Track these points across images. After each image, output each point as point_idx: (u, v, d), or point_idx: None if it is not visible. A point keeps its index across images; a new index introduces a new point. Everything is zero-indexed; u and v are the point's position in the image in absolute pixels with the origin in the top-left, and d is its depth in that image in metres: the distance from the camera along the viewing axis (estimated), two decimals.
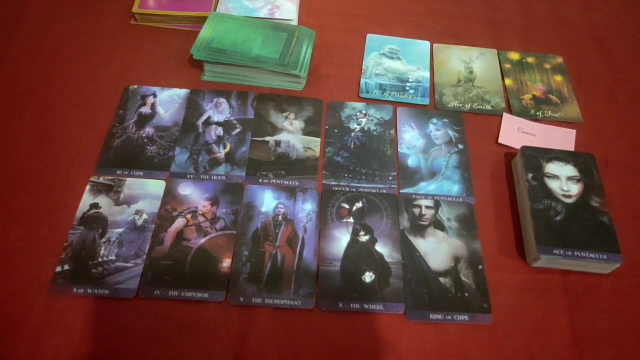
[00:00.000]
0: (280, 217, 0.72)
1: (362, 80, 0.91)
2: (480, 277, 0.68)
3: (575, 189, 0.73)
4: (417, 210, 0.74)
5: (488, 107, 0.89)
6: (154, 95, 0.85)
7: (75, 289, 0.64)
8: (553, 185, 0.74)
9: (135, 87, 0.86)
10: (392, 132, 0.84)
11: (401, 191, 0.77)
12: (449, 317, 0.65)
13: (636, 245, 0.73)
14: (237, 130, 0.82)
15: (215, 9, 0.97)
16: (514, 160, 0.81)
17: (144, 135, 0.80)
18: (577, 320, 0.66)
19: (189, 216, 0.71)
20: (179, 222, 0.71)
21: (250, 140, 0.81)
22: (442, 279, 0.68)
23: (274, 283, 0.66)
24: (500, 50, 0.99)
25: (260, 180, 0.77)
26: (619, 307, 0.68)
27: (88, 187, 0.73)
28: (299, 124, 0.84)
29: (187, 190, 0.74)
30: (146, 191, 0.74)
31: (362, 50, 0.97)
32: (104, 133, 0.80)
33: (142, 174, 0.76)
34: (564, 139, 0.85)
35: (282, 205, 0.73)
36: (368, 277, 0.68)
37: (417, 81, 0.92)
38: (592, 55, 1.01)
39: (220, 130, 0.82)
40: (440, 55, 0.98)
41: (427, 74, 0.94)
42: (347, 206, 0.74)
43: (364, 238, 0.71)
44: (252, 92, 0.87)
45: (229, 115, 0.84)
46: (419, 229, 0.73)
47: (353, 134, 0.83)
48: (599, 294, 0.69)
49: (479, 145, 0.84)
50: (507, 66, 0.96)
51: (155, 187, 0.74)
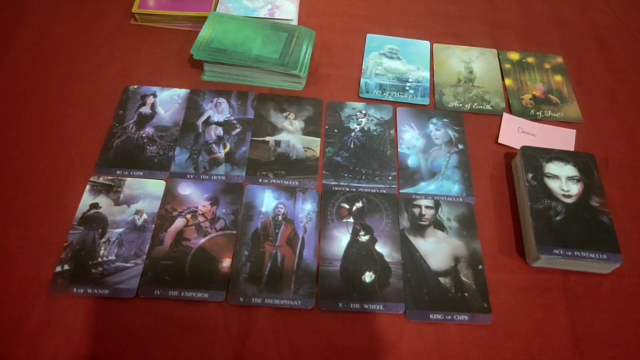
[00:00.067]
0: (280, 217, 0.72)
1: (362, 80, 0.91)
2: (480, 277, 0.68)
3: (575, 189, 0.73)
4: (417, 210, 0.74)
5: (488, 107, 0.89)
6: (154, 95, 0.85)
7: (75, 289, 0.64)
8: (553, 185, 0.74)
9: (135, 87, 0.86)
10: (392, 132, 0.84)
11: (401, 191, 0.77)
12: (449, 317, 0.65)
13: (636, 245, 0.73)
14: (237, 130, 0.82)
15: (215, 9, 0.97)
16: (514, 160, 0.81)
17: (144, 135, 0.80)
18: (577, 320, 0.66)
19: (189, 216, 0.71)
20: (179, 222, 0.71)
21: (250, 140, 0.81)
22: (442, 279, 0.68)
23: (274, 283, 0.66)
24: (500, 50, 0.99)
25: (260, 180, 0.77)
26: (619, 307, 0.68)
27: (88, 187, 0.73)
28: (299, 124, 0.84)
29: (187, 190, 0.74)
30: (146, 191, 0.74)
31: (362, 50, 0.97)
32: (104, 133, 0.80)
33: (142, 174, 0.76)
34: (564, 139, 0.85)
35: (282, 205, 0.73)
36: (368, 277, 0.68)
37: (417, 81, 0.92)
38: (592, 55, 1.01)
39: (220, 130, 0.82)
40: (440, 55, 0.98)
41: (427, 74, 0.94)
42: (347, 206, 0.74)
43: (364, 238, 0.71)
44: (252, 92, 0.87)
45: (229, 115, 0.84)
46: (419, 229, 0.73)
47: (353, 134, 0.83)
48: (599, 294, 0.69)
49: (479, 145, 0.84)
50: (507, 66, 0.96)
51: (155, 187, 0.74)
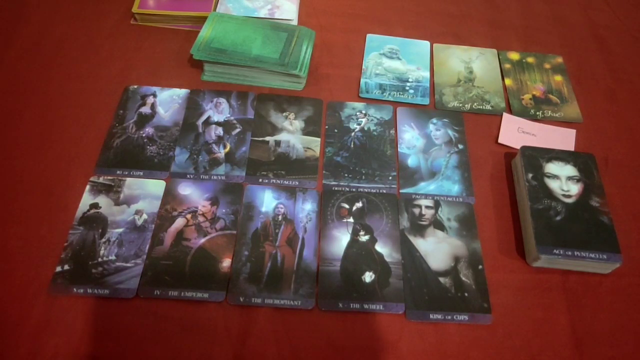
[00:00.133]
0: (280, 217, 0.72)
1: (362, 80, 0.91)
2: (480, 277, 0.68)
3: (575, 189, 0.73)
4: (417, 210, 0.74)
5: (488, 107, 0.89)
6: (154, 95, 0.85)
7: (75, 289, 0.64)
8: (553, 185, 0.74)
9: (135, 87, 0.86)
10: (392, 132, 0.84)
11: (401, 191, 0.77)
12: (449, 317, 0.65)
13: (636, 245, 0.73)
14: (237, 130, 0.82)
15: (215, 9, 0.97)
16: (514, 160, 0.81)
17: (144, 135, 0.80)
18: (577, 320, 0.66)
19: (189, 216, 0.71)
20: (179, 222, 0.71)
21: (250, 140, 0.81)
22: (442, 279, 0.68)
23: (274, 283, 0.66)
24: (500, 50, 0.99)
25: (260, 180, 0.77)
26: (619, 307, 0.68)
27: (88, 187, 0.73)
28: (299, 124, 0.84)
29: (187, 190, 0.74)
30: (146, 191, 0.74)
31: (362, 50, 0.97)
32: (104, 133, 0.80)
33: (142, 174, 0.76)
34: (564, 139, 0.85)
35: (282, 205, 0.73)
36: (368, 277, 0.68)
37: (417, 81, 0.92)
38: (592, 55, 1.01)
39: (220, 130, 0.82)
40: (440, 55, 0.98)
41: (427, 74, 0.94)
42: (347, 206, 0.74)
43: (364, 238, 0.71)
44: (252, 92, 0.87)
45: (229, 115, 0.84)
46: (419, 229, 0.73)
47: (353, 134, 0.83)
48: (599, 294, 0.69)
49: (479, 145, 0.84)
50: (507, 66, 0.96)
51: (155, 187, 0.74)
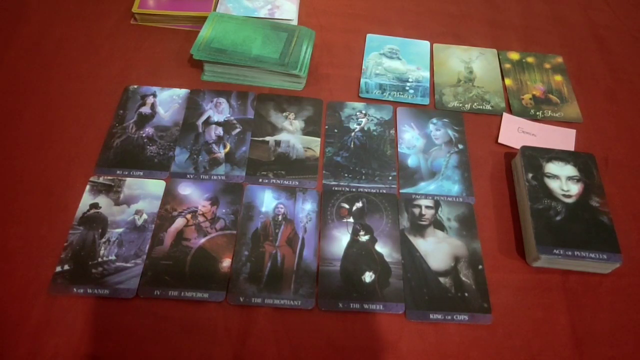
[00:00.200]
0: (280, 217, 0.72)
1: (362, 80, 0.91)
2: (480, 277, 0.68)
3: (575, 188, 0.73)
4: (417, 210, 0.74)
5: (488, 107, 0.89)
6: (154, 95, 0.85)
7: (75, 289, 0.64)
8: (553, 185, 0.74)
9: (135, 87, 0.86)
10: (392, 132, 0.84)
11: (401, 191, 0.77)
12: (449, 317, 0.65)
13: (636, 245, 0.73)
14: (237, 130, 0.82)
15: (215, 9, 0.97)
16: (514, 160, 0.81)
17: (144, 135, 0.80)
18: (577, 320, 0.66)
19: (189, 216, 0.71)
20: (179, 222, 0.71)
21: (250, 140, 0.81)
22: (442, 279, 0.68)
23: (274, 283, 0.66)
24: (500, 50, 0.99)
25: (260, 180, 0.77)
26: (619, 307, 0.68)
27: (88, 187, 0.73)
28: (299, 124, 0.84)
29: (187, 190, 0.74)
30: (146, 191, 0.74)
31: (362, 50, 0.97)
32: (104, 133, 0.80)
33: (142, 174, 0.76)
34: (564, 138, 0.85)
35: (282, 205, 0.73)
36: (368, 277, 0.68)
37: (417, 81, 0.92)
38: (592, 55, 1.01)
39: (220, 130, 0.82)
40: (440, 55, 0.98)
41: (427, 74, 0.94)
42: (347, 206, 0.74)
43: (364, 238, 0.71)
44: (252, 92, 0.87)
45: (229, 115, 0.84)
46: (419, 229, 0.73)
47: (353, 134, 0.83)
48: (599, 294, 0.69)
49: (479, 145, 0.84)
50: (507, 66, 0.96)
51: (155, 187, 0.74)
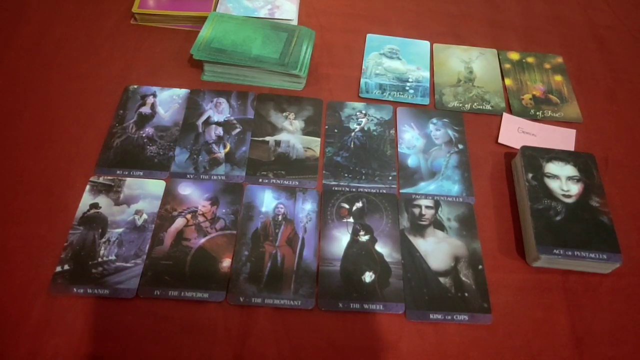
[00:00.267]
0: (280, 217, 0.72)
1: (362, 80, 0.91)
2: (480, 277, 0.68)
3: (575, 188, 0.73)
4: (417, 210, 0.74)
5: (488, 107, 0.89)
6: (154, 95, 0.85)
7: (75, 289, 0.64)
8: (553, 185, 0.74)
9: (135, 87, 0.86)
10: (392, 132, 0.84)
11: (401, 191, 0.77)
12: (449, 317, 0.65)
13: (636, 245, 0.73)
14: (237, 130, 0.82)
15: (215, 9, 0.97)
16: (514, 160, 0.81)
17: (144, 135, 0.80)
18: (577, 320, 0.66)
19: (189, 216, 0.71)
20: (179, 222, 0.71)
21: (250, 140, 0.81)
22: (442, 279, 0.68)
23: (274, 283, 0.66)
24: (500, 50, 0.99)
25: (260, 180, 0.77)
26: (619, 307, 0.68)
27: (88, 187, 0.73)
28: (299, 124, 0.84)
29: (187, 190, 0.74)
30: (146, 191, 0.74)
31: (362, 50, 0.97)
32: (104, 133, 0.80)
33: (142, 174, 0.76)
34: (564, 139, 0.85)
35: (282, 205, 0.73)
36: (368, 277, 0.68)
37: (417, 81, 0.92)
38: (592, 55, 1.01)
39: (220, 130, 0.82)
40: (440, 55, 0.98)
41: (427, 74, 0.94)
42: (347, 206, 0.74)
43: (364, 238, 0.71)
44: (252, 92, 0.87)
45: (229, 115, 0.84)
46: (419, 229, 0.73)
47: (353, 134, 0.83)
48: (599, 294, 0.69)
49: (479, 145, 0.84)
50: (507, 66, 0.96)
51: (155, 187, 0.74)
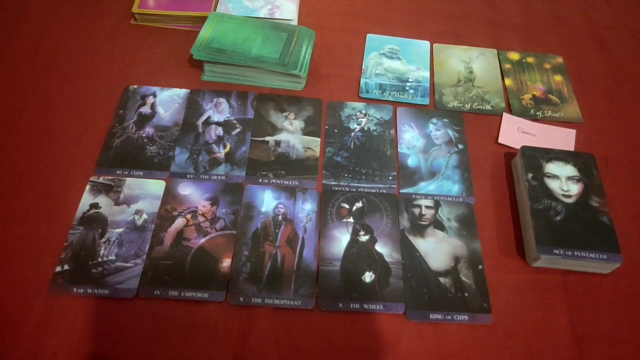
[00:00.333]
0: (280, 217, 0.72)
1: (362, 80, 0.91)
2: (480, 277, 0.68)
3: (575, 188, 0.73)
4: (417, 210, 0.74)
5: (488, 107, 0.89)
6: (154, 95, 0.85)
7: (75, 289, 0.64)
8: (553, 185, 0.74)
9: (135, 87, 0.86)
10: (392, 132, 0.84)
11: (401, 191, 0.77)
12: (449, 317, 0.65)
13: (636, 245, 0.73)
14: (237, 130, 0.82)
15: (215, 9, 0.97)
16: (514, 160, 0.81)
17: (144, 135, 0.80)
18: (577, 320, 0.66)
19: (189, 216, 0.71)
20: (179, 222, 0.71)
21: (250, 140, 0.81)
22: (442, 279, 0.68)
23: (274, 283, 0.66)
24: (500, 50, 0.99)
25: (260, 180, 0.77)
26: (619, 307, 0.68)
27: (88, 187, 0.73)
28: (299, 124, 0.84)
29: (187, 190, 0.74)
30: (146, 191, 0.74)
31: (362, 50, 0.97)
32: (104, 133, 0.80)
33: (142, 174, 0.76)
34: (564, 139, 0.85)
35: (282, 205, 0.73)
36: (368, 277, 0.68)
37: (417, 81, 0.92)
38: (592, 55, 1.01)
39: (220, 130, 0.82)
40: (440, 55, 0.98)
41: (427, 74, 0.94)
42: (347, 206, 0.74)
43: (364, 238, 0.71)
44: (252, 92, 0.87)
45: (229, 115, 0.84)
46: (419, 229, 0.73)
47: (353, 134, 0.83)
48: (599, 294, 0.69)
49: (479, 145, 0.84)
50: (507, 66, 0.96)
51: (155, 187, 0.74)
